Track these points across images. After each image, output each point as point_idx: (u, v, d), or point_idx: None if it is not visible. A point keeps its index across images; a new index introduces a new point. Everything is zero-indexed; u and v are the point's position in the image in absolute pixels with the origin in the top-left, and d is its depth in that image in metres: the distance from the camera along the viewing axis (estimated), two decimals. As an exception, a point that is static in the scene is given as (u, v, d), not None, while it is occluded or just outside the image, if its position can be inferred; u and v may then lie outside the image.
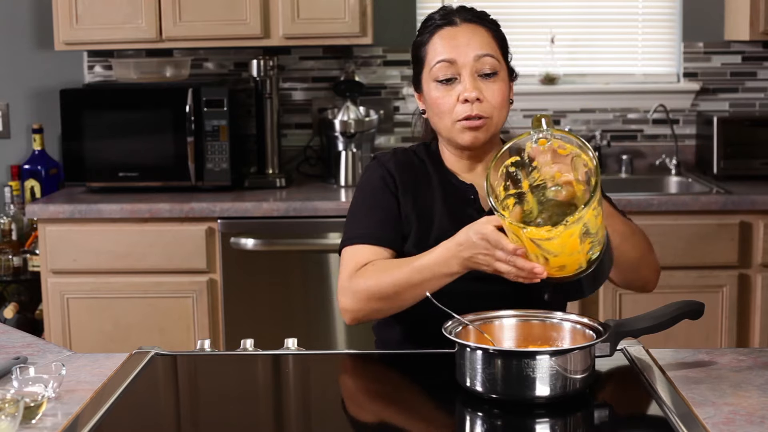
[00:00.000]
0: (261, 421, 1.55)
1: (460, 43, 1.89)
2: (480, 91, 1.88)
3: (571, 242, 1.59)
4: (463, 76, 1.88)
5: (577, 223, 1.56)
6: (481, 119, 1.88)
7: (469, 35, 1.90)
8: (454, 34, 1.91)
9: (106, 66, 4.04)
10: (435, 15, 1.96)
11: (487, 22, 1.95)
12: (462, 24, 1.92)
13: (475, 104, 1.87)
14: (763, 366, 1.70)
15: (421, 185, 1.97)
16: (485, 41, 1.91)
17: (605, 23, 4.08)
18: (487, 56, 1.89)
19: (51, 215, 3.45)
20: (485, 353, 1.53)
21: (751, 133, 3.75)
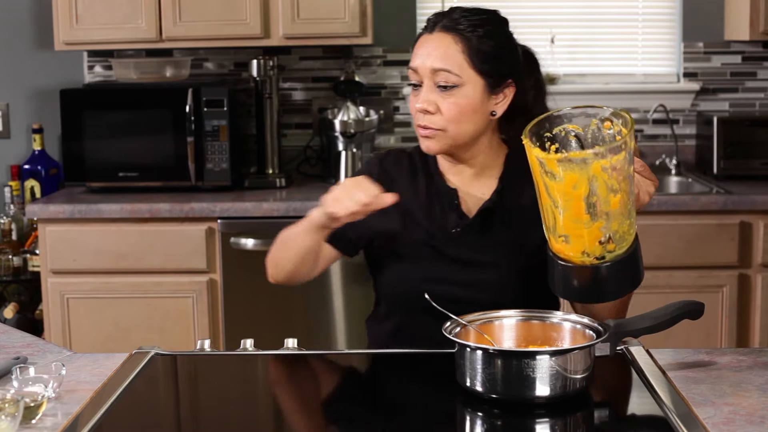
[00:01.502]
0: (261, 421, 1.55)
1: (424, 53, 1.88)
2: (433, 103, 1.86)
3: (576, 199, 1.57)
4: (423, 85, 1.88)
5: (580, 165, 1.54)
6: (428, 130, 1.87)
7: (434, 46, 1.87)
8: (424, 42, 1.89)
9: (106, 66, 4.04)
10: (431, 17, 1.94)
11: (466, 33, 1.86)
12: (436, 32, 1.88)
13: (426, 115, 1.87)
14: (763, 366, 1.70)
15: (407, 187, 1.97)
16: (449, 53, 1.85)
17: (605, 23, 4.08)
18: (444, 71, 1.85)
19: (51, 215, 3.45)
20: (485, 353, 1.53)
21: (751, 133, 3.75)
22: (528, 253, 1.91)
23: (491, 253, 1.92)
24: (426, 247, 1.93)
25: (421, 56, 1.88)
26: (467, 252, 1.92)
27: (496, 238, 1.92)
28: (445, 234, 1.93)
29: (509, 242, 1.93)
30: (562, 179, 1.57)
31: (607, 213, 1.60)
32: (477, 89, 1.87)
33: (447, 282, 1.90)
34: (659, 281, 3.44)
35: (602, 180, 1.57)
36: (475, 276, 1.91)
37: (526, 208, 1.90)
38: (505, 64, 1.90)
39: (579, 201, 1.58)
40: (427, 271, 1.92)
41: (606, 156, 1.56)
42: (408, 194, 1.95)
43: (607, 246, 1.63)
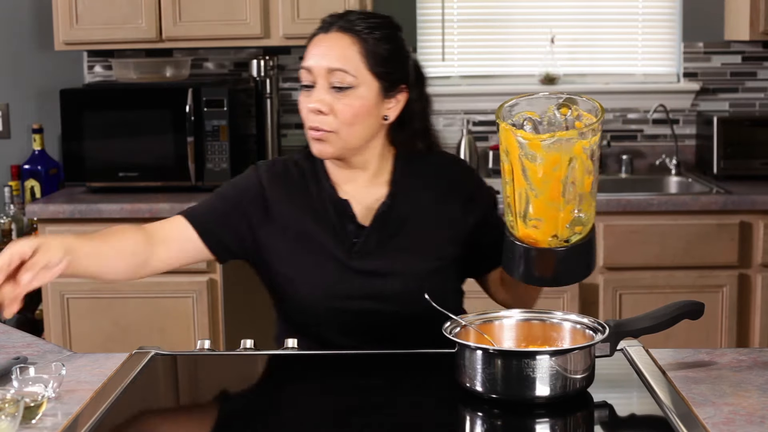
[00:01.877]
0: (261, 421, 1.55)
1: (319, 52, 1.84)
2: (327, 104, 1.82)
3: (554, 180, 1.58)
4: (317, 86, 1.84)
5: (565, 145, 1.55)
6: (321, 132, 1.83)
7: (329, 46, 1.84)
8: (320, 42, 1.86)
9: (106, 66, 4.04)
10: (327, 18, 1.90)
11: (363, 34, 1.84)
12: (333, 32, 1.85)
13: (319, 116, 1.83)
14: (763, 366, 1.70)
15: (299, 199, 1.92)
16: (345, 54, 1.83)
17: (605, 23, 4.08)
18: (340, 71, 1.82)
19: (51, 215, 3.45)
20: (485, 353, 1.53)
21: (751, 133, 3.75)
22: (428, 255, 1.90)
23: (394, 261, 1.88)
24: (330, 261, 1.88)
25: (316, 56, 1.84)
26: (371, 263, 1.88)
27: (396, 244, 1.89)
28: (346, 246, 1.88)
29: (409, 247, 1.89)
30: (543, 161, 1.58)
31: (580, 194, 1.61)
32: (372, 92, 1.84)
33: (359, 297, 1.87)
34: (659, 281, 3.44)
35: (581, 160, 1.58)
36: (383, 286, 1.88)
37: (421, 212, 1.90)
38: (399, 69, 1.89)
39: (557, 182, 1.59)
40: (336, 288, 1.87)
41: (587, 136, 1.57)
42: (301, 207, 1.91)
43: (575, 228, 1.63)
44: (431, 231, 1.91)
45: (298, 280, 1.90)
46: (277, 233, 1.91)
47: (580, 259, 1.68)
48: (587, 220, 1.65)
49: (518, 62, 4.10)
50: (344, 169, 1.92)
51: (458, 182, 1.97)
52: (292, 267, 1.90)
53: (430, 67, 4.10)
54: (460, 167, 2.01)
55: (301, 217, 1.90)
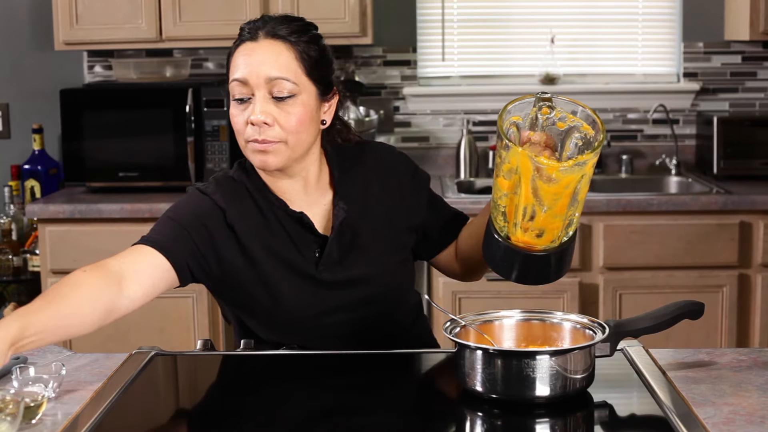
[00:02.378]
0: (261, 421, 1.55)
1: (254, 62, 1.76)
2: (271, 114, 1.76)
3: (564, 197, 1.58)
4: (255, 98, 1.77)
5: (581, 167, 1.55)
6: (267, 143, 1.77)
7: (264, 54, 1.77)
8: (251, 51, 1.78)
9: (106, 66, 4.04)
10: (246, 26, 1.84)
11: (292, 39, 1.79)
12: (262, 40, 1.79)
13: (263, 128, 1.76)
14: (763, 366, 1.70)
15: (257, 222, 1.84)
16: (282, 62, 1.77)
17: (605, 23, 4.08)
18: (281, 79, 1.76)
19: (51, 215, 3.45)
20: (485, 353, 1.53)
21: (751, 133, 3.75)
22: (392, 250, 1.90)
23: (362, 266, 1.86)
24: (301, 278, 1.84)
25: (251, 65, 1.76)
26: (339, 273, 1.85)
27: (358, 248, 1.87)
28: (312, 260, 1.84)
29: (371, 248, 1.88)
30: (559, 182, 1.58)
31: (580, 201, 1.62)
32: (311, 97, 1.80)
33: (334, 309, 1.85)
34: (659, 281, 3.44)
35: (589, 175, 1.59)
36: (356, 294, 1.86)
37: (372, 209, 1.89)
38: (329, 72, 1.85)
39: (567, 198, 1.59)
40: (312, 303, 1.84)
41: (599, 154, 1.58)
42: (259, 224, 1.84)
43: (568, 230, 1.64)
44: (386, 226, 1.89)
45: (273, 300, 1.84)
46: (244, 254, 1.83)
47: (570, 253, 1.70)
48: (577, 220, 1.67)
49: (518, 62, 4.11)
50: (284, 180, 1.85)
51: (397, 170, 1.94)
52: (264, 287, 1.83)
53: (430, 67, 4.10)
54: (393, 155, 1.97)
55: (262, 234, 1.83)
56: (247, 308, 1.88)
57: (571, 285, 3.42)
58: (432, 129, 4.08)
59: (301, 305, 1.83)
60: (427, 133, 4.08)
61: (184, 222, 1.81)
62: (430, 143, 4.06)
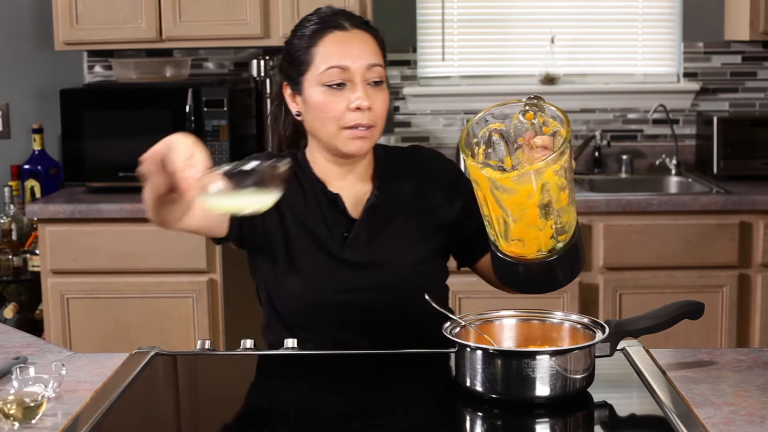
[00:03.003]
0: (261, 421, 1.55)
1: (353, 49, 1.84)
2: (370, 99, 1.84)
3: (530, 207, 1.57)
4: (354, 84, 1.84)
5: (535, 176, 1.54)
6: (368, 128, 1.85)
7: (360, 43, 1.86)
8: (347, 39, 1.85)
9: (106, 66, 4.04)
10: (314, 17, 1.89)
11: (373, 30, 1.90)
12: (352, 29, 1.87)
13: (366, 113, 1.84)
14: (763, 366, 1.70)
15: (297, 195, 1.92)
16: (374, 50, 1.87)
17: (605, 23, 4.08)
18: (377, 66, 1.86)
19: (51, 215, 3.45)
20: (485, 353, 1.53)
21: (751, 133, 3.75)
22: (417, 244, 1.92)
23: (385, 252, 1.90)
24: (327, 256, 1.89)
25: (352, 54, 1.84)
26: (363, 255, 1.89)
27: (386, 235, 1.91)
28: (339, 240, 1.90)
29: (398, 237, 1.92)
30: (516, 192, 1.58)
31: (558, 210, 1.61)
32: (387, 86, 1.91)
33: (353, 289, 1.88)
34: (659, 281, 3.44)
35: (553, 182, 1.57)
36: (376, 278, 1.89)
37: (406, 203, 1.93)
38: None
39: (533, 209, 1.59)
40: (334, 281, 1.88)
41: (557, 160, 1.56)
42: (298, 202, 1.92)
43: (558, 238, 1.63)
44: (418, 220, 1.93)
45: (293, 273, 1.90)
46: (281, 221, 1.91)
47: (572, 260, 1.69)
48: (570, 227, 1.65)
49: (518, 62, 4.11)
50: (340, 167, 1.93)
51: (440, 170, 1.99)
52: (290, 260, 1.90)
53: (430, 67, 4.10)
54: (439, 157, 2.04)
55: (299, 208, 1.92)
56: (273, 278, 1.93)
57: (571, 285, 3.42)
58: (432, 129, 4.08)
59: (322, 280, 1.88)
60: (427, 133, 4.08)
61: None
62: (430, 143, 4.06)
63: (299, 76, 1.88)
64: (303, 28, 1.90)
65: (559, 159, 1.56)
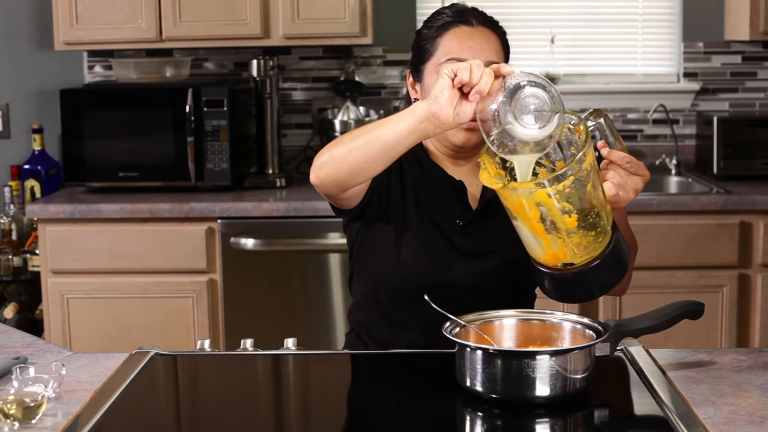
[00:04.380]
0: (261, 421, 1.55)
1: (474, 45, 1.90)
2: None
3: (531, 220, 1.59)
4: None
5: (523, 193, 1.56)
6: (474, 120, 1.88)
7: (484, 39, 1.92)
8: (470, 35, 1.92)
9: (106, 66, 4.04)
10: (447, 11, 1.96)
11: (499, 29, 1.97)
12: (478, 26, 1.93)
13: None
14: (763, 366, 1.71)
15: (416, 177, 1.98)
16: (496, 48, 1.93)
17: (605, 23, 4.08)
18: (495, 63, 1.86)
19: (51, 215, 3.45)
20: (485, 353, 1.54)
21: (751, 133, 3.75)
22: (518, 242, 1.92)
23: (492, 243, 1.94)
24: (437, 236, 1.94)
25: (473, 48, 1.89)
26: (472, 242, 1.94)
27: (497, 228, 1.93)
28: (452, 225, 1.95)
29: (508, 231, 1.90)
30: (514, 203, 1.61)
31: (566, 230, 1.60)
32: None
33: (455, 272, 1.91)
34: (659, 281, 3.44)
35: (551, 204, 1.57)
36: (479, 266, 1.93)
37: None
38: None
39: (537, 223, 1.60)
40: (438, 261, 1.93)
41: (552, 184, 1.55)
42: (420, 184, 1.97)
43: (575, 256, 1.63)
44: None
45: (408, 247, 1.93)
46: (401, 202, 1.95)
47: (607, 269, 1.67)
48: (587, 248, 1.63)
49: (518, 62, 4.10)
50: (455, 158, 1.98)
51: None
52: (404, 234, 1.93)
53: (430, 67, 4.10)
54: None
55: (421, 186, 1.96)
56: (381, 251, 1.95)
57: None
58: (432, 129, 4.07)
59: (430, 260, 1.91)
60: (427, 133, 4.07)
61: None
62: (430, 143, 4.06)
63: (421, 65, 1.95)
64: (434, 20, 1.96)
65: (555, 183, 1.55)
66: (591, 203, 1.61)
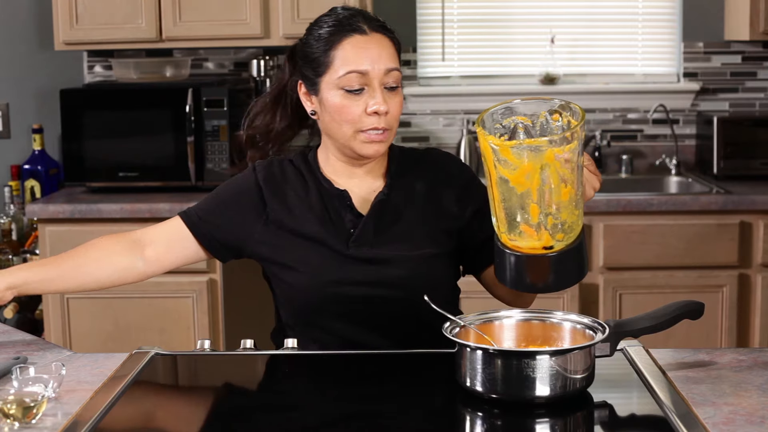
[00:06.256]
0: (261, 421, 1.55)
1: (372, 54, 1.86)
2: (386, 104, 1.86)
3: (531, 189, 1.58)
4: (373, 89, 1.86)
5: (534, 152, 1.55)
6: (384, 132, 1.87)
7: (379, 47, 1.88)
8: (365, 43, 1.87)
9: (106, 66, 4.04)
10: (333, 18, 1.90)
11: (390, 33, 1.93)
12: (371, 33, 1.89)
13: (383, 117, 1.86)
14: (763, 366, 1.71)
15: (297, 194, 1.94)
16: (392, 54, 1.90)
17: (605, 23, 4.08)
18: (395, 70, 1.89)
19: (51, 215, 3.45)
20: (485, 353, 1.53)
21: (751, 133, 3.76)
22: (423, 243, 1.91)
23: (392, 248, 1.90)
24: (328, 251, 1.90)
25: (371, 57, 1.86)
26: (369, 251, 1.90)
27: (392, 233, 1.91)
28: (344, 236, 1.90)
29: (404, 236, 1.92)
30: (516, 168, 1.58)
31: (557, 203, 1.60)
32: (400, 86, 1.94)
33: (358, 283, 1.89)
34: (659, 281, 3.44)
35: (554, 169, 1.57)
36: (382, 273, 1.89)
37: (416, 202, 1.94)
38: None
39: (533, 193, 1.59)
40: (336, 274, 1.89)
41: (560, 144, 1.57)
42: (299, 202, 1.93)
43: (557, 236, 1.63)
44: (426, 220, 1.93)
45: (297, 269, 1.91)
46: (274, 230, 1.92)
47: (568, 266, 1.67)
48: (569, 228, 1.64)
49: (518, 62, 4.11)
50: (351, 166, 1.94)
51: (453, 175, 1.99)
52: (290, 258, 1.91)
53: (430, 67, 4.10)
54: (454, 161, 2.04)
55: (298, 212, 1.92)
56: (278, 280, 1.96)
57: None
58: (432, 129, 4.08)
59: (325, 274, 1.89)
60: (427, 133, 4.08)
61: (224, 197, 1.98)
62: (430, 143, 4.06)
63: (316, 77, 1.89)
64: (320, 28, 1.91)
65: (563, 144, 1.56)
66: (580, 178, 1.63)
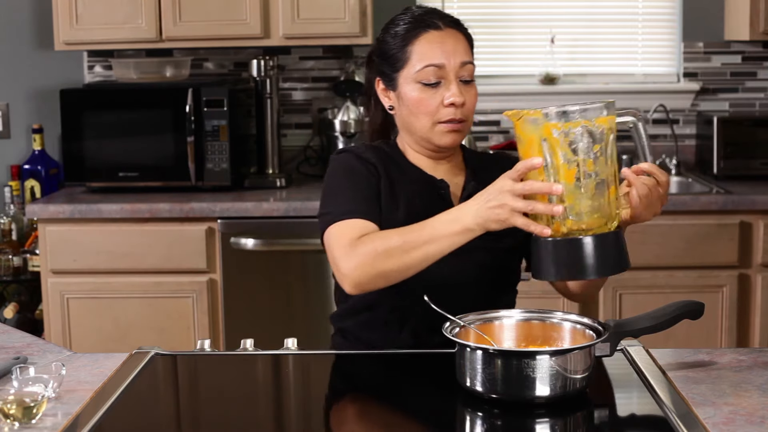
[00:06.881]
0: (261, 421, 1.55)
1: (447, 49, 1.93)
2: (462, 95, 1.92)
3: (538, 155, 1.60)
4: (449, 81, 1.92)
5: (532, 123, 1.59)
6: (461, 122, 1.93)
7: (454, 42, 1.95)
8: (441, 38, 1.94)
9: (106, 66, 4.04)
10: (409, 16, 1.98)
11: (464, 29, 2.00)
12: (446, 29, 1.96)
13: (459, 108, 1.92)
14: (763, 366, 1.71)
15: (398, 177, 1.98)
16: (466, 48, 1.97)
17: (605, 23, 4.08)
18: (470, 63, 1.95)
19: (51, 215, 3.45)
20: (485, 353, 1.54)
21: (751, 133, 3.75)
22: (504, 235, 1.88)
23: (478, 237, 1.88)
24: None
25: (447, 53, 1.92)
26: None
27: None
28: None
29: None
30: (524, 142, 1.62)
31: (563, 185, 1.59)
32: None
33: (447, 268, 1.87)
34: (659, 281, 3.44)
35: (553, 144, 1.58)
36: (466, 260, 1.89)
37: None
38: None
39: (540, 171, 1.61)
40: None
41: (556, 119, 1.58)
42: (402, 186, 1.96)
43: (566, 222, 1.61)
44: None
45: None
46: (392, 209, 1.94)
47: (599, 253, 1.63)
48: (578, 215, 1.61)
49: (518, 62, 4.11)
50: (431, 159, 2.00)
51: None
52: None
53: (430, 67, 4.10)
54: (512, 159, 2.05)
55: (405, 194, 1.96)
56: None
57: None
58: (432, 129, 4.07)
59: None
60: (427, 133, 4.08)
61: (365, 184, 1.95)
62: (430, 143, 4.05)
63: (394, 73, 1.98)
64: (396, 26, 2.00)
65: (560, 119, 1.57)
66: (595, 167, 1.60)
